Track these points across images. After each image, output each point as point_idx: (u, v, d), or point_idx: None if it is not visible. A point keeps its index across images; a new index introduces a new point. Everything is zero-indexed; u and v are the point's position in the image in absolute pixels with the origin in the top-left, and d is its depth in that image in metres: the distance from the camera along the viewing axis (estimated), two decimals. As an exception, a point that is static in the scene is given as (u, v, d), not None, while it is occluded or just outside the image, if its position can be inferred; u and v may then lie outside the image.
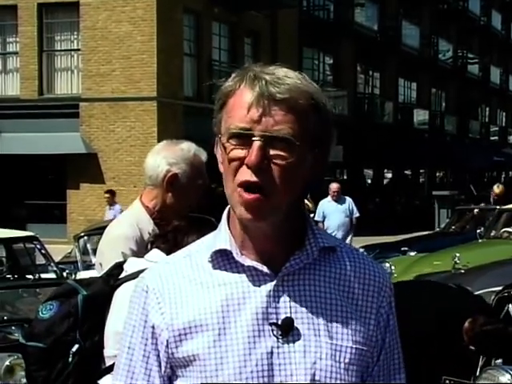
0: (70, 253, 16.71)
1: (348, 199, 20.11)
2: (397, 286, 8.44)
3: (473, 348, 6.79)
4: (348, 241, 19.91)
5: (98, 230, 14.77)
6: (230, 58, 39.16)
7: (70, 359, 4.22)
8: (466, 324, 6.83)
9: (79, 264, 14.74)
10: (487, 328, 6.86)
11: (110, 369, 4.14)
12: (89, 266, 13.43)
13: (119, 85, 34.57)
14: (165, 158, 4.75)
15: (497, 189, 24.65)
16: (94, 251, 14.08)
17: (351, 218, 19.85)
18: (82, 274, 12.34)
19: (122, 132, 34.48)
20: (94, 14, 34.97)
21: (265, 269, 2.26)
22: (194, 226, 4.21)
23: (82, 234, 16.09)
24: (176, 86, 34.87)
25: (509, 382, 5.68)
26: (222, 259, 2.28)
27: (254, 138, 2.10)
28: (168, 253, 4.18)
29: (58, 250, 19.42)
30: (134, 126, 34.21)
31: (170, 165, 4.73)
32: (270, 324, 2.22)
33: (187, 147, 4.84)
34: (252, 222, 2.17)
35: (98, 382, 4.25)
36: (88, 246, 15.41)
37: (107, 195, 25.35)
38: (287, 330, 2.24)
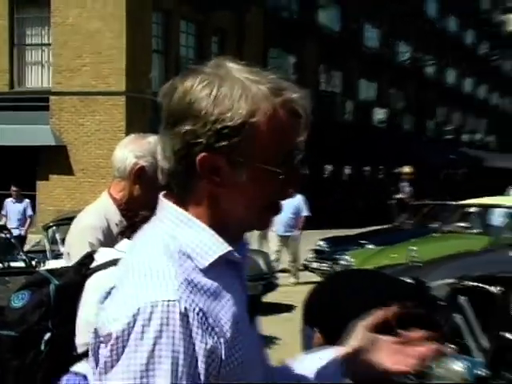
0: (38, 242, 16.73)
1: (299, 197, 19.46)
2: (338, 277, 8.61)
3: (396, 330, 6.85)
4: (295, 238, 20.03)
5: (66, 221, 14.82)
6: (197, 56, 39.32)
7: (43, 347, 4.26)
8: (394, 309, 6.89)
9: (48, 253, 14.79)
10: (413, 312, 6.91)
11: (82, 356, 4.19)
12: (57, 256, 13.46)
13: (89, 79, 34.74)
14: (132, 151, 4.81)
15: (408, 169, 25.56)
16: (63, 241, 14.10)
17: (299, 215, 19.78)
18: (51, 263, 12.35)
19: (91, 125, 34.68)
20: (64, 10, 35.13)
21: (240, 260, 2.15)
22: None
23: (51, 224, 16.18)
24: (144, 82, 35.05)
25: (461, 369, 5.70)
26: (220, 258, 2.07)
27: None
28: None
29: (28, 240, 19.54)
30: (103, 119, 34.43)
31: (137, 158, 4.79)
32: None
33: (154, 140, 4.83)
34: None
35: (70, 369, 4.27)
36: (57, 235, 15.48)
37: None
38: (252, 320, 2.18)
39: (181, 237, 2.05)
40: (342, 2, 51.30)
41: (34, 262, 12.68)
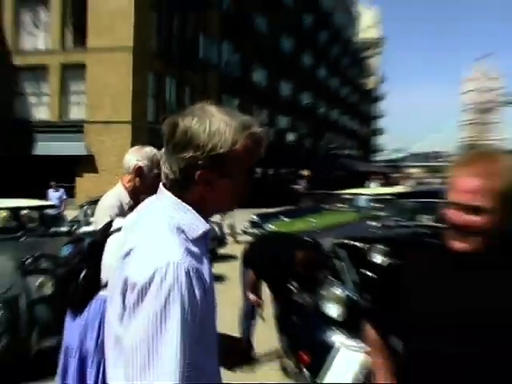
0: (76, 216, 16.58)
1: None
2: (264, 236, 8.39)
3: (300, 269, 6.97)
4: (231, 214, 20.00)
5: (93, 202, 14.85)
6: (177, 101, 38.85)
7: (80, 280, 4.35)
8: (298, 256, 6.99)
9: (82, 222, 14.69)
10: (310, 258, 7.03)
11: (105, 286, 4.30)
12: (88, 224, 13.46)
13: (111, 113, 33.63)
14: (135, 156, 5.06)
15: (306, 172, 25.61)
16: (92, 214, 14.16)
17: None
18: (85, 229, 12.26)
19: (110, 142, 33.66)
20: (96, 64, 34.30)
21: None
22: None
23: (84, 204, 16.21)
24: (142, 116, 34.49)
25: (340, 293, 5.78)
26: (202, 233, 2.11)
27: None
28: None
29: (69, 215, 19.32)
30: (117, 139, 33.23)
31: (137, 160, 4.99)
32: None
33: (149, 150, 5.10)
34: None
35: (98, 294, 4.39)
36: (88, 211, 15.43)
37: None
38: None
39: (177, 217, 2.08)
40: (268, 65, 50.46)
41: (73, 229, 12.57)
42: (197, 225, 2.10)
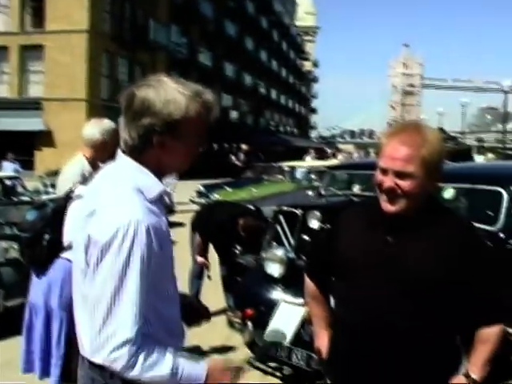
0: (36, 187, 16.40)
1: None
2: (212, 204, 8.41)
3: (243, 234, 7.02)
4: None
5: (52, 174, 14.72)
6: (128, 78, 38.38)
7: (45, 243, 4.32)
8: (240, 222, 7.01)
9: (41, 192, 14.51)
10: (252, 224, 7.07)
11: (67, 248, 4.27)
12: (47, 193, 13.38)
13: (67, 92, 33.09)
14: (97, 130, 4.96)
15: (245, 146, 25.65)
16: (51, 186, 14.08)
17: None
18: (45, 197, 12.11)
19: (67, 120, 33.06)
20: (56, 54, 33.60)
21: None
22: None
23: (43, 175, 16.03)
24: (97, 93, 33.97)
25: (282, 254, 5.82)
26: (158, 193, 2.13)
27: None
28: None
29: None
30: (74, 116, 32.69)
31: (100, 134, 4.89)
32: None
33: (109, 122, 5.08)
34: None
35: (61, 255, 4.36)
36: (47, 182, 15.27)
37: None
38: None
39: (136, 179, 2.09)
40: (213, 48, 50.27)
41: (35, 198, 12.43)
42: (154, 186, 2.11)
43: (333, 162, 20.18)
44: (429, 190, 2.48)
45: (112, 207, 2.01)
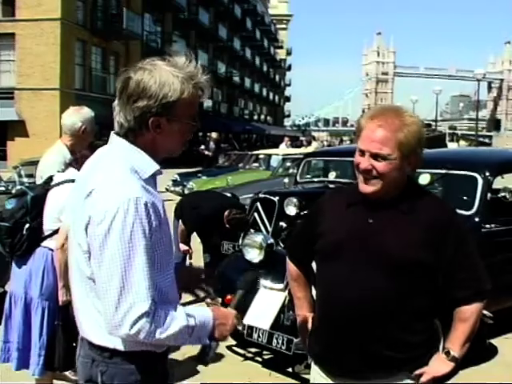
0: (10, 177, 16.17)
1: None
2: (191, 194, 8.51)
3: (228, 226, 7.07)
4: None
5: (26, 164, 14.56)
6: (102, 68, 38.06)
7: (24, 232, 4.33)
8: (226, 213, 7.06)
9: (17, 183, 14.34)
10: (236, 216, 7.11)
11: (48, 236, 4.26)
12: (22, 183, 13.22)
13: (39, 81, 32.64)
14: (78, 118, 4.95)
15: (214, 134, 25.60)
16: (26, 176, 13.96)
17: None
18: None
19: (40, 108, 32.65)
20: (24, 40, 33.12)
21: None
22: (93, 152, 4.42)
23: (18, 166, 15.84)
24: (71, 82, 33.67)
25: (261, 240, 5.85)
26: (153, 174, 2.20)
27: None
28: (78, 169, 4.39)
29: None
30: (47, 103, 32.28)
31: (81, 122, 4.91)
32: None
33: (88, 111, 5.11)
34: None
35: (41, 244, 4.35)
36: (22, 172, 15.09)
37: None
38: None
39: (131, 159, 2.15)
40: (187, 36, 49.93)
41: (10, 188, 12.34)
42: (148, 166, 2.16)
43: (307, 149, 20.21)
44: (407, 174, 2.54)
45: (110, 187, 2.05)
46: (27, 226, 4.38)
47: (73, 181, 4.39)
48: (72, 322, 4.38)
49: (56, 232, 4.31)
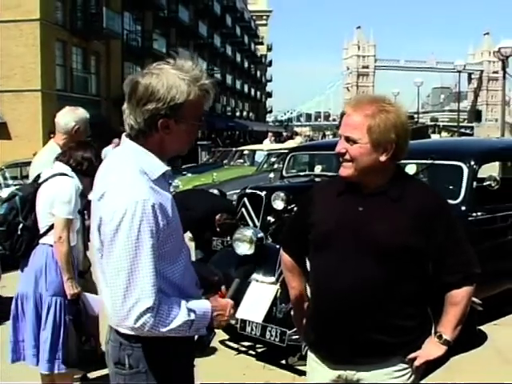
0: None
1: None
2: (182, 192, 8.56)
3: (219, 230, 7.12)
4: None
5: (11, 166, 14.44)
6: (83, 68, 37.80)
7: (19, 233, 4.36)
8: (217, 217, 7.11)
9: (2, 184, 14.25)
10: (227, 221, 7.15)
11: (45, 233, 4.29)
12: (8, 185, 13.14)
13: (20, 82, 32.08)
14: (72, 117, 5.01)
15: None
16: (11, 178, 13.87)
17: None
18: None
19: (22, 109, 32.11)
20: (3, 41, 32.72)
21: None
22: (79, 147, 4.47)
23: (2, 167, 15.71)
24: (52, 83, 33.41)
25: (251, 234, 5.89)
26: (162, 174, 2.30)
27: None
28: (66, 163, 4.42)
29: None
30: (29, 106, 31.69)
31: (75, 122, 4.97)
32: None
33: (83, 111, 5.20)
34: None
35: (39, 241, 4.38)
36: (6, 174, 14.99)
37: None
38: None
39: (140, 161, 2.26)
40: (167, 34, 49.66)
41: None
42: (157, 167, 2.28)
43: (290, 144, 20.27)
44: (386, 163, 2.56)
45: (119, 189, 2.18)
46: (21, 226, 4.42)
47: (61, 174, 4.42)
48: (84, 317, 4.40)
49: (52, 227, 4.35)
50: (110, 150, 18.79)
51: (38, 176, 4.59)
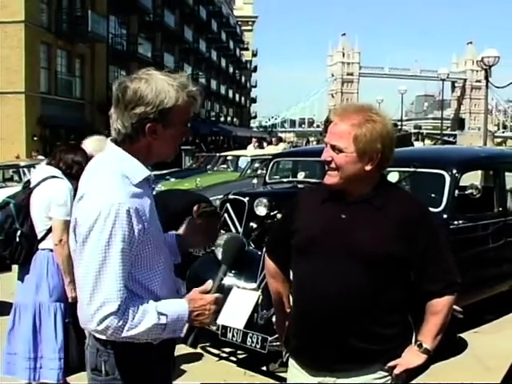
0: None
1: None
2: (165, 192, 8.54)
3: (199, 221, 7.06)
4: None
5: None
6: (67, 71, 37.61)
7: (18, 240, 4.34)
8: (195, 208, 7.07)
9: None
10: (207, 209, 7.12)
11: (43, 237, 4.27)
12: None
13: (4, 84, 31.91)
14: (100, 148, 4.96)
15: None
16: None
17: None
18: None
19: (4, 112, 31.73)
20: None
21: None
22: (70, 151, 4.45)
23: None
24: (36, 86, 33.22)
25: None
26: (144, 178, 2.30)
27: None
28: (56, 166, 4.41)
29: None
30: (12, 108, 31.45)
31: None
32: None
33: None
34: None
35: (39, 246, 4.38)
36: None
37: None
38: None
39: (123, 166, 2.27)
40: (152, 38, 49.60)
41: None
42: (139, 171, 2.29)
43: (275, 150, 20.27)
44: (370, 172, 2.58)
45: (97, 192, 2.19)
46: (19, 233, 4.42)
47: (53, 177, 4.41)
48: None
49: (50, 231, 4.34)
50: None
51: (28, 182, 4.60)
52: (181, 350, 2.81)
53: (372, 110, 2.58)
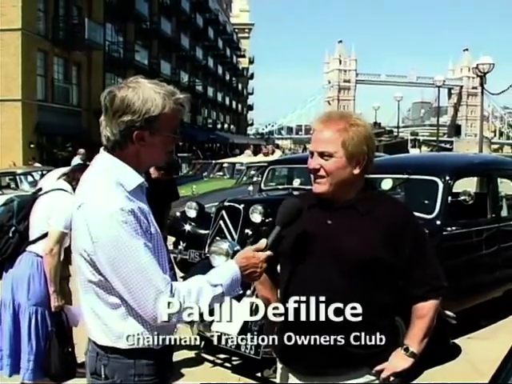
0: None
1: None
2: None
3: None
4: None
5: None
6: (64, 78, 37.64)
7: (11, 235, 4.41)
8: (151, 170, 7.03)
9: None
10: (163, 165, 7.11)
11: (35, 241, 4.33)
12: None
13: (2, 91, 32.00)
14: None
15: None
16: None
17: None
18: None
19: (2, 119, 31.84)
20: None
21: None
22: (84, 171, 4.53)
23: None
24: (32, 94, 33.25)
25: (228, 247, 5.91)
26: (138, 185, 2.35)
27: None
28: (69, 183, 4.52)
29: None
30: (9, 115, 31.41)
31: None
32: None
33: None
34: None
35: (26, 248, 4.43)
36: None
37: None
38: None
39: (116, 173, 2.31)
40: (149, 46, 49.70)
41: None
42: (133, 178, 2.33)
43: (271, 157, 20.29)
44: (361, 176, 2.64)
45: (99, 199, 2.23)
46: (13, 229, 4.49)
47: (62, 189, 4.51)
48: (66, 328, 4.42)
49: (43, 237, 4.39)
50: (78, 160, 18.66)
51: (40, 189, 4.72)
52: (177, 355, 2.84)
53: (353, 116, 2.65)
